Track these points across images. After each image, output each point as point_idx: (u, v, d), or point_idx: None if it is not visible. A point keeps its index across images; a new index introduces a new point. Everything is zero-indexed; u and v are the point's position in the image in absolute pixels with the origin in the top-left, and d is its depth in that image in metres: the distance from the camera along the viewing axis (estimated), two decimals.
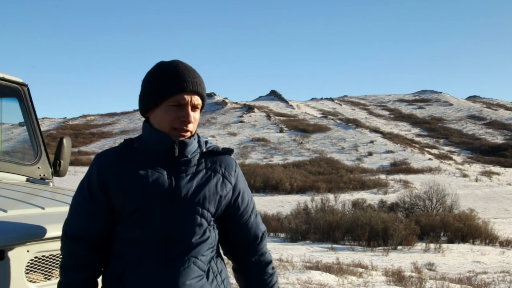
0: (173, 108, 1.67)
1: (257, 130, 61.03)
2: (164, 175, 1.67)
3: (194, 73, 1.73)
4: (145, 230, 1.65)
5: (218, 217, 1.77)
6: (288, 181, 34.20)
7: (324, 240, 17.43)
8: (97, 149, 53.58)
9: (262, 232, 1.86)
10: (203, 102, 1.75)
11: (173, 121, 1.66)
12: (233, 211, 1.79)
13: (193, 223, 1.68)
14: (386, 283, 8.49)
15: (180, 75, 1.68)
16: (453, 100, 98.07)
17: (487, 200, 31.81)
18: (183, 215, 1.66)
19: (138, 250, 1.66)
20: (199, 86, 1.71)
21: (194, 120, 1.72)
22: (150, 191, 1.65)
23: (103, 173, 1.68)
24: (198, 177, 1.71)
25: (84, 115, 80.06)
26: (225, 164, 1.78)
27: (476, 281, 9.47)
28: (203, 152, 1.76)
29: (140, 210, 1.65)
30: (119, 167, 1.67)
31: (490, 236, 18.10)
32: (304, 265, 10.35)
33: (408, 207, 23.83)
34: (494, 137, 67.33)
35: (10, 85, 3.44)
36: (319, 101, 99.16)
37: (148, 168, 1.68)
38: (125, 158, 1.70)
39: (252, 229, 1.83)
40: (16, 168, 3.30)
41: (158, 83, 1.68)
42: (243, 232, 1.82)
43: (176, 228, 1.65)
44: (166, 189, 1.65)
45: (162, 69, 1.71)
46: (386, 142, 55.70)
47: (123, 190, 1.66)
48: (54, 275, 2.12)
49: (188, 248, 1.66)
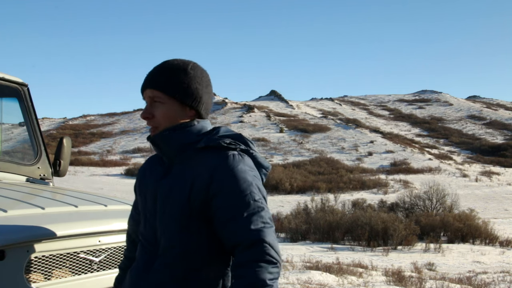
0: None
1: (257, 130, 60.99)
2: (157, 175, 1.72)
3: (158, 69, 1.71)
4: (142, 230, 1.75)
5: (204, 220, 1.63)
6: (288, 181, 34.17)
7: (324, 240, 17.41)
8: (97, 149, 53.53)
9: (251, 240, 1.56)
10: (168, 95, 1.66)
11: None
12: (212, 213, 1.62)
13: (168, 226, 1.63)
14: (386, 283, 8.49)
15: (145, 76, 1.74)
16: (453, 100, 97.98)
17: (487, 200, 31.78)
18: (160, 216, 1.65)
19: (139, 248, 1.76)
20: (150, 80, 1.69)
21: (156, 115, 1.67)
22: (146, 191, 1.73)
23: (138, 176, 1.84)
24: (177, 175, 1.65)
25: (84, 115, 79.92)
26: (210, 160, 1.62)
27: (476, 281, 9.46)
28: (199, 147, 1.66)
29: (142, 210, 1.77)
30: (145, 170, 1.81)
31: (490, 236, 18.07)
32: (304, 265, 10.35)
33: (408, 207, 23.79)
34: (494, 137, 67.27)
35: (10, 85, 3.44)
36: (319, 101, 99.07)
37: (154, 170, 1.76)
38: (154, 161, 1.80)
39: (234, 235, 1.58)
40: (16, 168, 3.30)
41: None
42: (225, 237, 1.61)
43: (157, 229, 1.67)
44: (152, 189, 1.71)
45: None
46: (386, 142, 55.66)
47: (136, 190, 1.82)
48: (54, 275, 2.12)
49: (163, 252, 1.64)
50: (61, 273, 2.16)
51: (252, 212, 1.57)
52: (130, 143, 55.52)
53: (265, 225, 1.58)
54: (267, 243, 1.55)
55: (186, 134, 1.67)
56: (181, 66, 1.70)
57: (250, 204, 1.58)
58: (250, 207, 1.58)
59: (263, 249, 1.54)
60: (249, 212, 1.57)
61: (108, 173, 39.21)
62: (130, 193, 29.66)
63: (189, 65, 1.71)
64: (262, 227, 1.57)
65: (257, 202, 1.60)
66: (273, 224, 1.62)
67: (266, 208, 1.62)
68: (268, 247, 1.55)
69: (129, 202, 2.82)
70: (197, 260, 1.62)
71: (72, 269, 2.20)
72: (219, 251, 1.64)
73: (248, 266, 1.53)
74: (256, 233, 1.55)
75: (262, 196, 1.63)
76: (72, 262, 2.20)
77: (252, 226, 1.56)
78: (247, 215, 1.57)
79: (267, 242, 1.55)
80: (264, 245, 1.55)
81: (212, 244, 1.63)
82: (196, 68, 1.73)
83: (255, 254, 1.54)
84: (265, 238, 1.55)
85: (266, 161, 1.75)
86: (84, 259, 2.23)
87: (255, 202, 1.59)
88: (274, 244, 1.57)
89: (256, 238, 1.55)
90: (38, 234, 2.01)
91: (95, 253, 2.28)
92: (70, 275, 2.19)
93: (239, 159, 1.63)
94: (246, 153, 1.68)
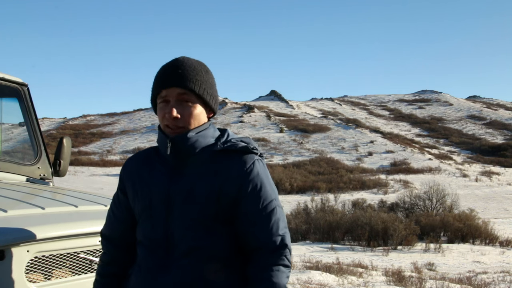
0: (162, 105, 1.65)
1: (257, 130, 60.98)
2: (167, 176, 1.66)
3: (182, 66, 1.63)
4: (149, 232, 1.67)
5: (228, 222, 1.63)
6: (288, 181, 34.18)
7: (324, 240, 17.42)
8: (97, 149, 53.55)
9: (276, 245, 1.60)
10: (196, 94, 1.63)
11: (163, 119, 1.64)
12: (237, 216, 1.63)
13: (190, 229, 1.61)
14: (386, 283, 8.49)
15: (164, 71, 1.65)
16: (453, 100, 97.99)
17: (487, 200, 31.78)
18: (178, 218, 1.62)
19: (143, 250, 1.68)
20: (180, 78, 1.61)
21: (185, 115, 1.62)
22: (153, 193, 1.66)
23: (123, 177, 1.76)
24: (197, 177, 1.62)
25: (84, 115, 79.96)
26: (232, 163, 1.62)
27: (476, 281, 9.46)
28: (216, 150, 1.65)
29: (145, 211, 1.67)
30: (137, 171, 1.73)
31: (490, 236, 18.08)
32: (304, 265, 10.34)
33: (408, 207, 23.79)
34: (494, 137, 67.27)
35: (10, 85, 3.44)
36: (319, 101, 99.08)
37: (156, 170, 1.68)
38: (145, 161, 1.73)
39: (258, 238, 1.61)
40: (16, 168, 3.30)
41: (153, 82, 1.70)
42: (248, 240, 1.63)
43: (173, 232, 1.62)
44: (164, 191, 1.64)
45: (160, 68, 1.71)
46: (386, 142, 55.66)
47: (135, 192, 1.70)
48: (54, 275, 2.12)
49: (183, 253, 1.60)
50: (61, 273, 2.16)
51: (278, 217, 1.63)
52: (130, 143, 55.54)
53: (287, 230, 1.65)
54: (288, 248, 1.62)
55: (206, 137, 1.66)
56: (203, 66, 1.68)
57: (276, 210, 1.63)
58: (276, 212, 1.63)
59: (285, 254, 1.61)
60: (275, 216, 1.62)
61: (108, 173, 39.21)
62: None
63: (205, 65, 1.70)
64: (285, 232, 1.63)
65: (280, 207, 1.66)
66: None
67: (284, 213, 1.68)
68: (288, 252, 1.62)
69: None
70: (220, 261, 1.62)
71: (72, 269, 2.20)
72: (238, 253, 1.65)
73: (269, 269, 1.57)
74: (281, 238, 1.61)
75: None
76: (72, 262, 2.19)
77: (278, 231, 1.61)
78: (273, 220, 1.61)
79: (288, 248, 1.62)
80: (286, 250, 1.61)
81: (232, 245, 1.64)
82: (208, 68, 1.73)
83: (277, 258, 1.59)
84: (288, 244, 1.62)
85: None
86: (84, 259, 2.23)
87: (279, 207, 1.65)
88: (291, 249, 1.65)
89: (280, 243, 1.61)
90: (38, 234, 2.00)
91: (95, 253, 2.27)
92: (70, 275, 2.19)
93: (263, 164, 1.67)
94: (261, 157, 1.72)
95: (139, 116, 74.93)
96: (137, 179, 1.71)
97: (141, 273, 1.67)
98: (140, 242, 1.70)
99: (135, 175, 1.72)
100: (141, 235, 1.69)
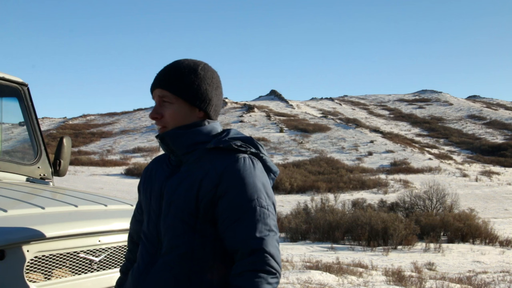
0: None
1: (257, 130, 60.97)
2: (166, 174, 1.71)
3: (167, 69, 1.69)
4: (145, 228, 1.73)
5: (211, 223, 1.59)
6: (288, 181, 34.17)
7: (324, 240, 17.42)
8: (97, 149, 53.53)
9: (252, 248, 1.51)
10: (173, 93, 1.64)
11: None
12: (217, 215, 1.58)
13: (172, 226, 1.61)
14: (386, 282, 8.48)
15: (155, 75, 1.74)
16: (453, 100, 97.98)
17: (487, 200, 31.78)
18: (165, 216, 1.64)
19: (141, 247, 1.74)
20: (158, 80, 1.68)
21: (165, 114, 1.66)
22: (153, 190, 1.72)
23: (141, 177, 1.84)
24: (186, 175, 1.63)
25: (84, 115, 79.91)
26: (220, 162, 1.59)
27: (476, 280, 9.46)
28: (208, 148, 1.65)
29: (146, 208, 1.75)
30: (151, 171, 1.79)
31: (490, 236, 18.07)
32: (304, 265, 10.34)
33: (408, 207, 23.78)
34: (494, 137, 67.27)
35: (10, 85, 3.44)
36: (319, 101, 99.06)
37: (162, 169, 1.74)
38: (158, 162, 1.79)
39: (235, 239, 1.54)
40: (16, 168, 3.30)
41: None
42: (227, 241, 1.57)
43: (160, 230, 1.66)
44: (158, 189, 1.70)
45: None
46: (386, 142, 55.65)
47: (143, 190, 1.79)
48: (54, 275, 2.12)
49: (166, 251, 1.61)
50: (61, 273, 2.16)
51: (257, 218, 1.53)
52: (130, 143, 55.53)
53: (269, 233, 1.53)
54: (267, 252, 1.51)
55: (196, 134, 1.66)
56: (192, 66, 1.68)
57: (256, 210, 1.53)
58: (255, 212, 1.53)
59: (263, 259, 1.50)
60: (254, 218, 1.53)
61: (108, 172, 39.21)
62: (130, 192, 29.43)
63: (200, 66, 1.69)
64: (265, 235, 1.52)
65: (263, 208, 1.55)
66: (277, 232, 1.57)
67: (272, 215, 1.56)
68: (268, 257, 1.50)
69: (129, 202, 2.81)
70: (201, 262, 1.58)
71: (72, 269, 2.20)
72: (224, 256, 1.59)
73: (246, 276, 1.49)
74: (258, 241, 1.51)
75: (270, 203, 1.58)
76: (72, 262, 2.19)
77: (255, 233, 1.52)
78: (251, 220, 1.53)
79: (267, 252, 1.51)
80: (264, 255, 1.50)
81: (217, 247, 1.59)
82: (206, 69, 1.70)
83: (254, 263, 1.50)
84: (266, 248, 1.51)
85: (275, 165, 1.70)
86: (84, 259, 2.23)
87: (261, 208, 1.54)
88: (275, 254, 1.52)
89: (256, 246, 1.51)
90: (38, 234, 2.00)
91: (95, 253, 2.27)
92: (70, 275, 2.18)
93: (249, 162, 1.59)
94: (256, 157, 1.64)
95: (139, 116, 74.91)
96: (147, 179, 1.78)
97: (133, 269, 1.73)
98: (141, 239, 1.76)
99: (148, 175, 1.79)
100: (141, 232, 1.77)
